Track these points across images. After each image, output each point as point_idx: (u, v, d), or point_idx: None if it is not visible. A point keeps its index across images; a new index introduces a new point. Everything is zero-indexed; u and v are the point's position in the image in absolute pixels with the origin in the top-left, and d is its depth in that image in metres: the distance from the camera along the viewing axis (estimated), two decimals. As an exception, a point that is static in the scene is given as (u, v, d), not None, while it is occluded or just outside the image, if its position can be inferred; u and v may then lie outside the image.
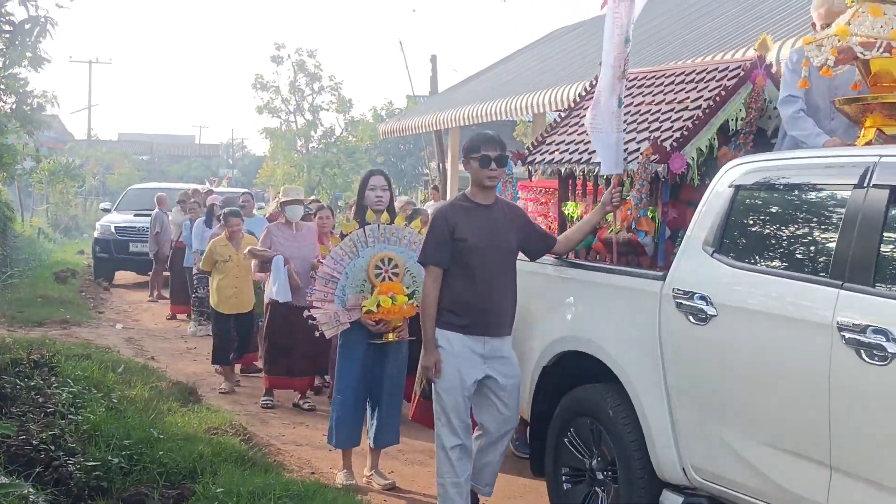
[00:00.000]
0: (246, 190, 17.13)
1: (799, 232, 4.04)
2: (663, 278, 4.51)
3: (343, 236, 5.98)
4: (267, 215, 9.84)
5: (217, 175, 44.49)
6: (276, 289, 8.02)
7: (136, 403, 7.19)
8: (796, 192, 4.07)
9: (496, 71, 18.11)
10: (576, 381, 5.13)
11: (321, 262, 6.04)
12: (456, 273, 5.07)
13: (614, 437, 4.71)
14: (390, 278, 5.93)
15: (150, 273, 16.35)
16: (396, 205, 8.50)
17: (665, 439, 4.43)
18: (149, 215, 16.13)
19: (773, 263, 4.05)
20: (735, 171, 4.43)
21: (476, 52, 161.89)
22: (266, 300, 8.34)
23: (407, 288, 5.94)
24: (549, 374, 5.28)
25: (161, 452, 5.84)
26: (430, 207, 9.38)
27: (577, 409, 5.02)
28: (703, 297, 4.25)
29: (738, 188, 4.35)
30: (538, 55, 16.94)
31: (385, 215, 6.00)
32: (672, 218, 5.06)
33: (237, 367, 9.66)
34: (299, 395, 8.45)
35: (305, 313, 6.06)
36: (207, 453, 6.02)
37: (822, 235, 3.91)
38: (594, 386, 4.94)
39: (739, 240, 4.30)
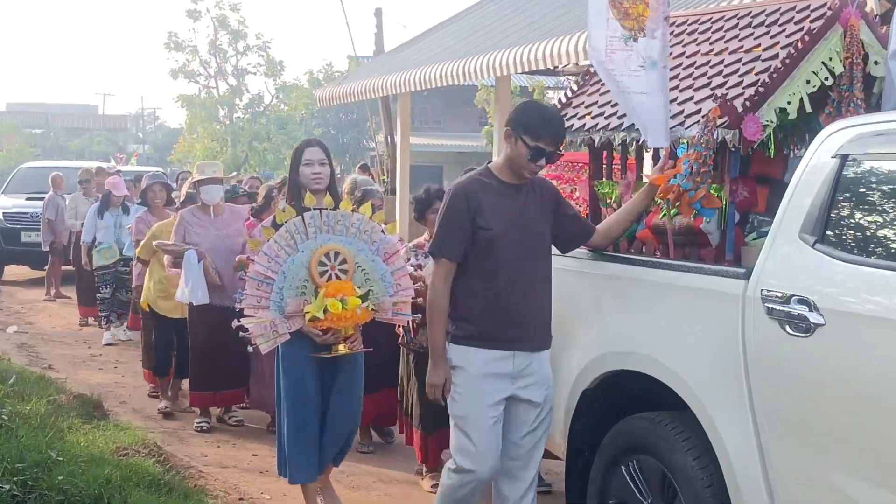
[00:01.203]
0: (159, 169, 17.00)
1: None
2: (747, 276, 4.06)
3: (277, 226, 5.67)
4: (180, 200, 9.68)
5: (125, 151, 44.07)
6: (188, 289, 7.85)
7: (30, 420, 7.11)
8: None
9: (452, 27, 18.11)
10: (627, 408, 4.72)
11: (252, 260, 5.73)
12: (475, 269, 4.73)
13: (681, 480, 4.24)
14: (338, 276, 5.61)
15: (47, 268, 16.17)
16: (345, 186, 8.47)
17: (752, 483, 3.93)
18: (42, 199, 15.94)
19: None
20: (839, 137, 3.97)
21: (428, 6, 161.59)
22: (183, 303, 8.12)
23: (359, 287, 5.64)
24: (591, 399, 4.89)
25: (61, 477, 5.76)
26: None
27: (629, 444, 4.57)
28: (804, 301, 3.78)
29: (844, 158, 3.89)
30: (503, 8, 16.96)
31: (328, 198, 5.73)
32: (743, 198, 4.65)
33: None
34: (223, 409, 8.41)
35: (235, 323, 5.69)
36: (116, 477, 5.95)
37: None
38: (653, 415, 4.50)
39: (850, 225, 3.84)
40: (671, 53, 5.05)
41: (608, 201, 5.27)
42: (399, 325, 6.53)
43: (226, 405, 8.37)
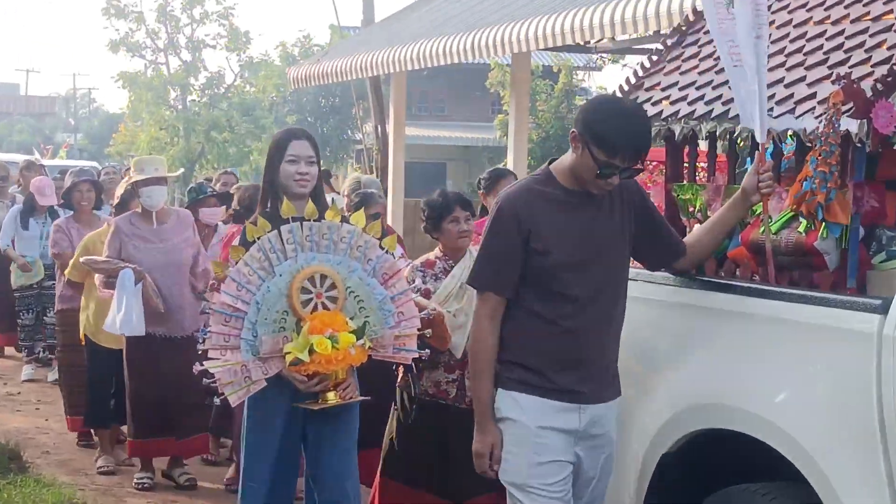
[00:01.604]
0: (93, 164, 16.95)
1: None
2: (884, 309, 3.86)
3: (248, 244, 5.38)
4: (113, 204, 9.56)
5: (52, 142, 44.17)
6: (120, 316, 7.73)
7: (-70, 474, 7.12)
8: None
9: (460, -9, 18.14)
10: (720, 477, 4.51)
11: (216, 289, 5.44)
12: (531, 304, 4.51)
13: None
14: (325, 306, 5.35)
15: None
16: (344, 186, 8.34)
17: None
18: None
19: None
20: None
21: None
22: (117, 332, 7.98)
23: (351, 319, 5.37)
24: (672, 465, 4.64)
25: (-32, 545, 5.79)
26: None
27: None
28: None
29: None
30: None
31: (310, 205, 5.46)
32: (870, 208, 4.45)
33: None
34: (170, 463, 8.37)
35: (197, 368, 5.39)
36: (37, 546, 5.97)
37: None
38: (758, 487, 4.29)
39: None
40: (772, 21, 4.85)
41: (690, 210, 5.12)
42: (400, 365, 6.29)
43: (175, 455, 8.27)
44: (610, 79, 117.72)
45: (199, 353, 5.44)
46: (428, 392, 6.20)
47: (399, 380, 6.45)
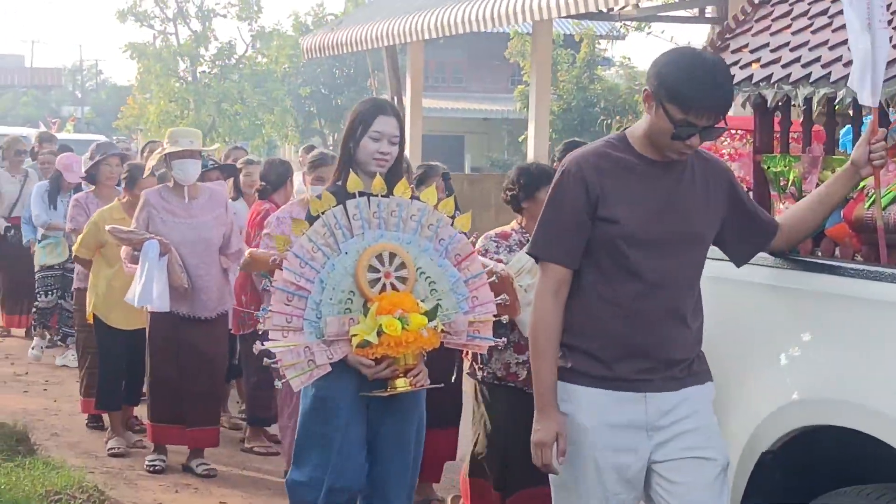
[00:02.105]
0: (101, 136, 16.96)
1: None
2: None
3: (312, 219, 5.19)
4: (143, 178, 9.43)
5: (58, 115, 44.22)
6: (139, 289, 7.70)
7: (-64, 457, 7.16)
8: None
9: (478, -42, 18.09)
10: (827, 478, 4.31)
11: (278, 265, 5.23)
12: (595, 279, 4.25)
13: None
14: (394, 286, 5.12)
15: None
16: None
17: None
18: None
19: None
20: None
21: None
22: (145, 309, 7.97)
23: (422, 301, 5.15)
24: (772, 464, 4.40)
25: (-24, 529, 5.82)
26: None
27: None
28: None
29: None
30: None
31: (377, 180, 5.20)
32: None
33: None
34: (189, 455, 8.30)
35: (257, 347, 5.18)
36: (46, 530, 5.99)
37: None
38: (870, 490, 4.05)
39: None
40: None
41: (782, 184, 4.90)
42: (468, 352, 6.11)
43: (196, 446, 8.19)
44: (634, 47, 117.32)
45: (260, 332, 5.24)
46: (496, 375, 6.11)
47: (468, 366, 6.38)
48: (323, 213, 5.14)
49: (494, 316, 5.31)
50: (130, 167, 8.82)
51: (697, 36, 45.02)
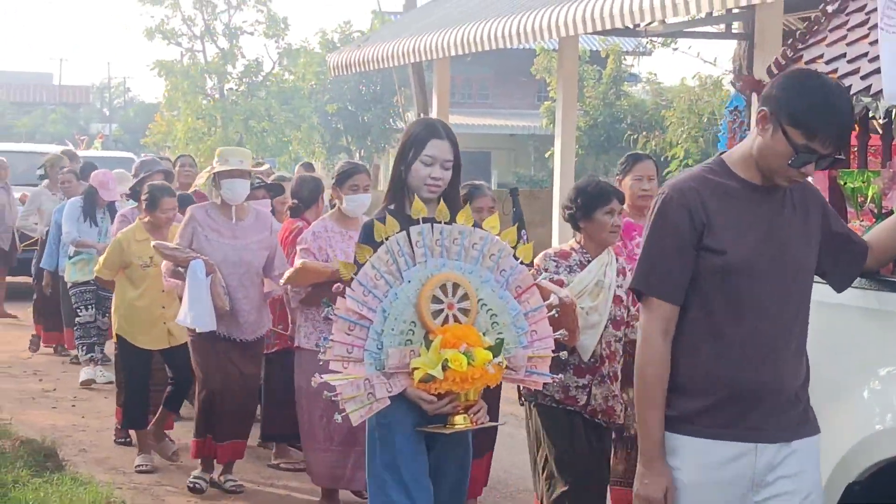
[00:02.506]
0: (130, 155, 17.01)
1: None
2: None
3: (375, 244, 4.99)
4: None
5: (86, 132, 44.38)
6: (188, 311, 7.63)
7: (-35, 472, 7.18)
8: None
9: (504, -26, 18.12)
10: None
11: (340, 293, 5.04)
12: (701, 315, 4.00)
13: None
14: (456, 318, 4.94)
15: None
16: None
17: None
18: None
19: None
20: None
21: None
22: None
23: (484, 333, 4.97)
24: (860, 495, 4.22)
25: (4, 544, 5.83)
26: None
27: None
28: None
29: None
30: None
31: (441, 206, 5.02)
32: None
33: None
34: (221, 469, 8.20)
35: (317, 380, 5.00)
36: (74, 545, 6.00)
37: None
38: None
39: None
40: None
41: (860, 200, 4.71)
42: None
43: (224, 461, 8.12)
44: (660, 63, 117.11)
45: (321, 362, 5.03)
46: (555, 398, 5.94)
47: (519, 396, 6.25)
48: (387, 238, 4.93)
49: (553, 351, 5.15)
50: (151, 188, 8.75)
51: (724, 52, 44.97)
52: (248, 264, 7.83)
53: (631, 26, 12.28)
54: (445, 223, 4.98)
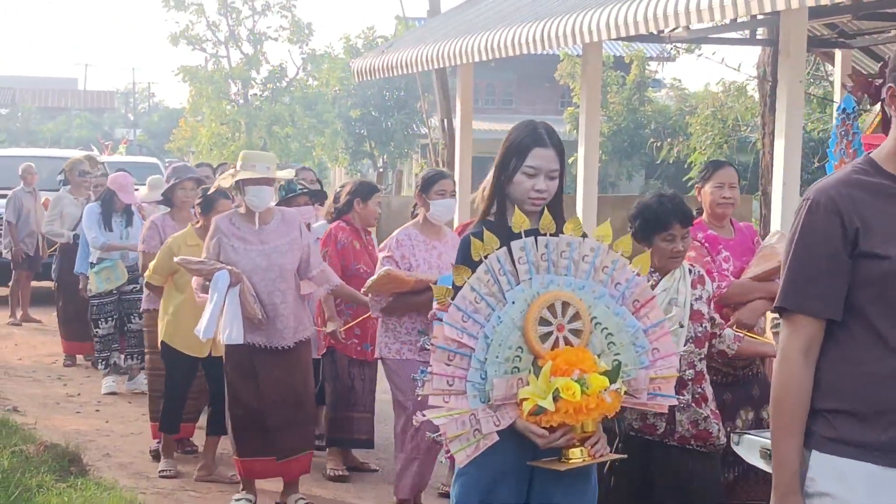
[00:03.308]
0: (155, 160, 17.02)
1: None
2: None
3: (471, 263, 4.55)
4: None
5: (111, 137, 44.57)
6: (204, 322, 7.46)
7: (-9, 476, 7.20)
8: None
9: (528, -20, 18.12)
10: None
11: (439, 318, 4.59)
12: (857, 326, 3.59)
13: None
14: (567, 341, 4.47)
15: (10, 283, 16.37)
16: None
17: None
18: (5, 195, 16.06)
19: None
20: None
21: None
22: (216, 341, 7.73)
23: (599, 355, 4.50)
24: None
25: (28, 549, 5.84)
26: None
27: None
28: None
29: None
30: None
31: (546, 216, 4.57)
32: None
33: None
34: (283, 492, 7.88)
35: (418, 419, 4.70)
36: (98, 550, 6.01)
37: None
38: None
39: None
40: None
41: None
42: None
43: (290, 478, 7.79)
44: (684, 69, 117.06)
45: (419, 399, 4.69)
46: (633, 426, 5.59)
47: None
48: (486, 256, 4.47)
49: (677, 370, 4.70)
50: (205, 192, 8.57)
51: (749, 58, 44.83)
52: (279, 267, 7.57)
53: (655, 32, 12.24)
54: (551, 235, 4.53)
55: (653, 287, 5.38)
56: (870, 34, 16.06)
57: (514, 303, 4.45)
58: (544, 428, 4.37)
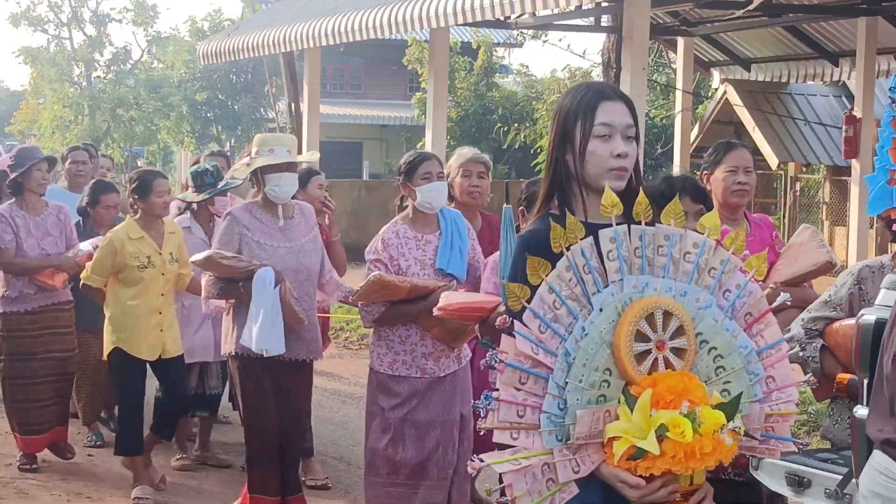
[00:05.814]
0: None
1: None
2: None
3: (553, 257, 3.41)
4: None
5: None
6: (257, 330, 6.50)
7: None
8: None
9: (376, -36, 18.11)
10: None
11: (510, 328, 3.35)
12: None
13: None
14: (668, 363, 3.39)
15: None
16: (451, 163, 7.28)
17: None
18: None
19: None
20: None
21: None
22: (230, 349, 6.85)
23: (707, 382, 3.42)
24: None
25: None
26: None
27: None
28: None
29: None
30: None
31: (642, 200, 3.44)
32: None
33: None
34: None
35: (475, 466, 3.42)
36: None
37: None
38: None
39: None
40: None
41: None
42: None
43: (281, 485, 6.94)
44: (531, 55, 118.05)
45: (481, 432, 3.47)
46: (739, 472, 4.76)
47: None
48: (568, 248, 3.40)
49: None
50: (140, 173, 7.75)
51: (594, 45, 45.55)
52: (307, 270, 6.79)
53: (502, 18, 12.37)
54: (647, 224, 3.46)
55: None
56: (711, 22, 16.41)
57: (601, 310, 3.38)
58: (646, 479, 3.31)
